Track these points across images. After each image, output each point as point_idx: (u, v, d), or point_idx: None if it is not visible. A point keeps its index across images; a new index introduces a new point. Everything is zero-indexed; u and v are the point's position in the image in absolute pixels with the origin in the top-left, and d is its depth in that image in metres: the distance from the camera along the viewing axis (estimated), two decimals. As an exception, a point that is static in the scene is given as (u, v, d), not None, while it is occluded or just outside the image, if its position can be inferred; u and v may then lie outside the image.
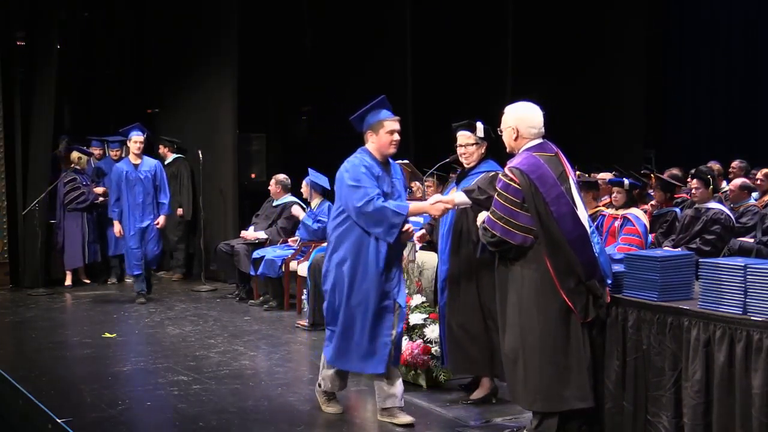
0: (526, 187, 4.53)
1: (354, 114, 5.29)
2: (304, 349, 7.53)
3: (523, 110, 4.76)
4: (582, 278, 4.51)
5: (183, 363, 6.82)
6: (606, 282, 4.60)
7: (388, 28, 11.94)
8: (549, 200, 4.51)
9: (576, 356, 4.56)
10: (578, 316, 4.54)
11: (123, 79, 13.00)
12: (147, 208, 9.44)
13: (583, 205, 4.64)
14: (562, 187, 4.55)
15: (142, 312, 8.99)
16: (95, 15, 13.10)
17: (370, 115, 5.23)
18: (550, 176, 4.55)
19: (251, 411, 5.58)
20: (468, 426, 5.22)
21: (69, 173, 10.68)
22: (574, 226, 4.52)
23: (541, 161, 4.60)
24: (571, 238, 4.49)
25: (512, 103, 4.90)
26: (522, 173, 4.56)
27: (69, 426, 5.18)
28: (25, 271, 10.58)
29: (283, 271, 8.94)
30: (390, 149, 5.20)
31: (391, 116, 5.22)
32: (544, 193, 4.51)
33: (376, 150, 5.21)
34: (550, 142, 4.73)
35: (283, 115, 13.73)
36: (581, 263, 4.49)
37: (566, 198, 4.54)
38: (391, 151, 5.21)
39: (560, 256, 4.51)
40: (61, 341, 7.81)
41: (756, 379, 3.90)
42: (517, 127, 4.72)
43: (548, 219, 4.51)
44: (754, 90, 14.15)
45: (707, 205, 7.15)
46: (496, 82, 12.54)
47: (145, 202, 9.43)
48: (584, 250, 4.50)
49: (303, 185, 9.43)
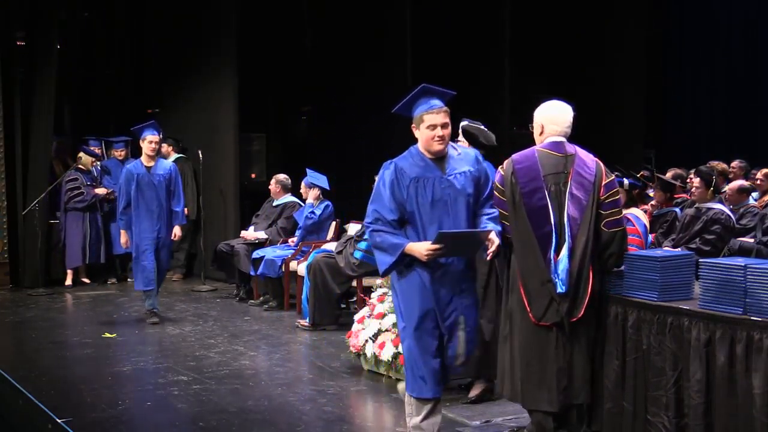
0: (507, 175, 4.64)
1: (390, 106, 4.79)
2: (304, 349, 7.53)
3: (551, 108, 4.79)
4: (545, 279, 4.52)
5: (183, 363, 6.82)
6: (556, 288, 4.50)
7: (388, 28, 11.93)
8: (524, 192, 4.58)
9: (544, 358, 4.57)
10: (531, 315, 4.57)
11: (123, 79, 13.01)
12: (161, 217, 8.37)
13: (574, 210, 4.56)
14: (544, 184, 4.57)
15: (142, 312, 8.98)
16: (95, 15, 13.11)
17: (412, 107, 4.59)
18: (536, 170, 4.59)
19: (251, 411, 5.58)
20: (468, 426, 5.21)
21: (72, 172, 10.69)
22: (543, 223, 4.54)
23: (535, 155, 4.65)
24: (538, 234, 4.55)
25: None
26: (510, 162, 4.68)
27: (69, 426, 5.18)
28: (25, 271, 10.59)
29: (283, 271, 8.94)
30: (434, 146, 4.49)
31: (432, 108, 4.51)
32: (522, 184, 4.58)
33: (422, 146, 4.56)
34: (573, 144, 4.73)
35: (283, 115, 13.73)
36: (545, 262, 4.52)
37: (543, 194, 4.56)
38: (435, 148, 4.50)
39: (527, 251, 4.58)
40: (61, 341, 7.82)
41: (756, 379, 3.90)
42: (542, 123, 4.76)
43: (519, 210, 4.59)
44: (754, 90, 14.15)
45: (708, 205, 7.15)
46: (496, 82, 12.53)
47: (160, 209, 8.37)
48: (547, 251, 4.53)
49: (302, 186, 9.45)
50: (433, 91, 4.57)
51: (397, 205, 4.46)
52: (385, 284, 6.56)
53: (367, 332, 6.30)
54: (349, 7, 12.12)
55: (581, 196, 4.60)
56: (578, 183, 4.62)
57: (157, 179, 8.38)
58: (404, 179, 4.47)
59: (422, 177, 4.48)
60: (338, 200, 9.60)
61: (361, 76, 11.91)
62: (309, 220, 9.11)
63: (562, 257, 4.51)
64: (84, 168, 10.77)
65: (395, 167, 4.52)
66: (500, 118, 12.21)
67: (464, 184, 4.50)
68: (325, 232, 9.33)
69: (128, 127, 12.24)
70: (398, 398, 5.76)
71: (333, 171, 9.95)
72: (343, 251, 8.11)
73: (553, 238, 4.53)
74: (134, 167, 8.51)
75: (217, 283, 10.59)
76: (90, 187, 10.73)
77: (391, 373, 6.14)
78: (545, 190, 4.57)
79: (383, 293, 6.45)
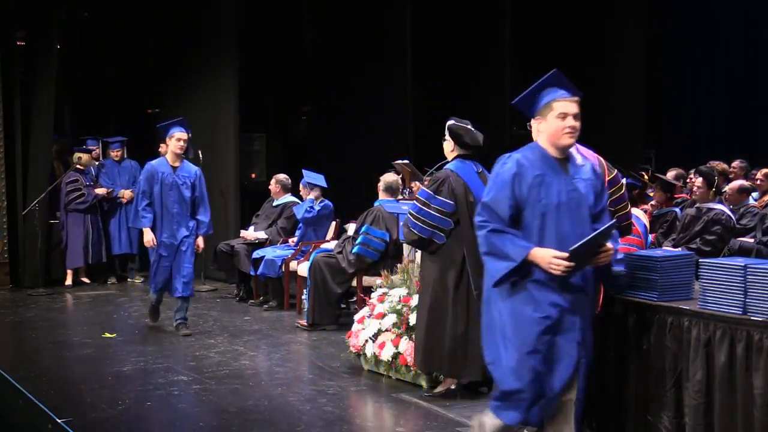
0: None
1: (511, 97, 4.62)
2: (304, 349, 7.53)
3: None
4: None
5: (183, 363, 6.82)
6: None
7: (388, 28, 11.94)
8: None
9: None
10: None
11: (123, 79, 13.03)
12: (182, 222, 7.80)
13: None
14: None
15: (142, 312, 8.98)
16: (95, 15, 13.14)
17: (538, 96, 4.12)
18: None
19: (251, 411, 5.58)
20: (468, 426, 5.21)
21: (72, 173, 10.69)
22: None
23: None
24: None
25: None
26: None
27: (69, 426, 5.18)
28: (25, 271, 10.59)
29: (283, 271, 8.94)
30: (563, 139, 4.00)
31: (564, 95, 4.06)
32: None
33: (547, 140, 4.05)
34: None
35: (283, 115, 13.75)
36: None
37: None
38: (564, 142, 4.01)
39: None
40: (61, 341, 7.81)
41: (757, 379, 3.90)
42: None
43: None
44: (754, 90, 14.15)
45: (709, 206, 7.15)
46: (496, 82, 12.55)
47: (181, 213, 7.79)
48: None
49: (301, 187, 9.46)
50: (564, 81, 4.09)
51: (515, 204, 3.96)
52: (385, 284, 6.56)
53: (367, 332, 6.30)
54: (349, 7, 12.13)
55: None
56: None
57: (182, 181, 7.80)
58: (527, 175, 3.96)
59: (547, 175, 3.98)
60: (338, 200, 9.60)
61: (361, 76, 11.92)
62: (308, 213, 9.12)
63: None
64: (82, 167, 10.75)
65: (516, 161, 3.99)
66: (500, 118, 12.23)
67: (587, 191, 4.05)
68: (325, 232, 9.34)
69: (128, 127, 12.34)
70: (398, 398, 5.76)
71: (333, 171, 9.95)
72: (342, 250, 8.11)
73: None
74: (158, 165, 7.87)
75: (217, 283, 10.59)
76: (90, 187, 10.74)
77: (391, 373, 6.14)
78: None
79: (383, 293, 6.44)
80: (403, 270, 6.42)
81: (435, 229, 5.61)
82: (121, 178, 11.25)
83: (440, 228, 5.61)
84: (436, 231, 5.61)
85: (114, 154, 11.24)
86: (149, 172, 7.81)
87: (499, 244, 3.90)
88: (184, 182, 7.80)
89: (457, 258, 5.58)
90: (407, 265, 6.44)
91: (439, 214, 5.60)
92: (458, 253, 5.58)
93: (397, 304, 6.19)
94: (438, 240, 5.62)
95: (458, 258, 5.58)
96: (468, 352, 5.55)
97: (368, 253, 7.92)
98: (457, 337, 5.56)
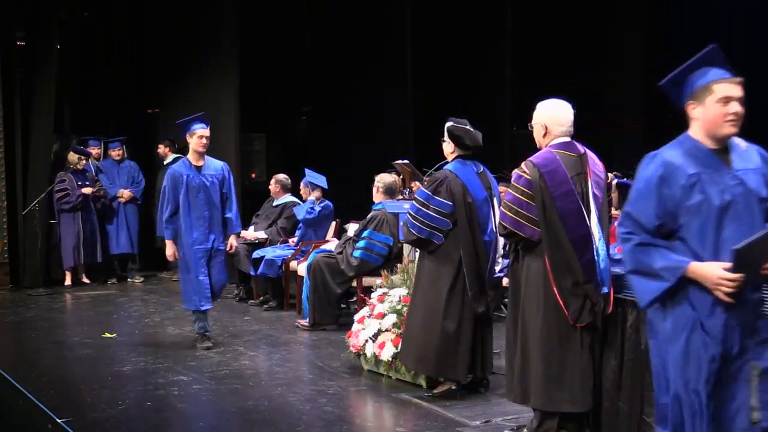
0: (535, 179, 4.55)
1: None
2: (304, 349, 7.53)
3: (553, 107, 4.76)
4: (580, 280, 4.50)
5: (183, 363, 6.82)
6: (601, 289, 4.49)
7: (388, 28, 11.95)
8: (555, 195, 4.51)
9: (570, 359, 4.56)
10: (569, 317, 4.52)
11: (123, 79, 13.02)
12: (214, 224, 7.23)
13: (596, 210, 4.57)
14: (573, 186, 4.54)
15: (142, 312, 8.98)
16: (95, 15, 13.12)
17: (692, 76, 3.50)
18: (562, 173, 4.54)
19: (251, 411, 5.58)
20: (468, 426, 5.21)
21: (63, 174, 10.66)
22: (578, 225, 4.51)
23: (557, 158, 4.60)
24: (572, 238, 4.49)
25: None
26: (534, 166, 4.58)
27: (69, 426, 5.18)
28: (25, 271, 10.59)
29: (283, 271, 8.94)
30: (724, 128, 3.44)
31: (726, 76, 3.48)
32: (552, 188, 4.51)
33: (703, 130, 3.48)
34: (578, 143, 4.74)
35: (283, 115, 13.74)
36: (581, 265, 4.49)
37: (575, 197, 4.52)
38: (726, 131, 3.45)
39: (559, 253, 4.51)
40: (61, 341, 7.81)
41: (756, 379, 3.89)
42: (546, 124, 4.71)
43: (552, 214, 4.51)
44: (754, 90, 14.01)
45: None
46: (496, 82, 12.54)
47: (212, 215, 7.22)
48: (585, 252, 4.49)
49: (301, 186, 9.46)
50: (724, 60, 3.50)
51: (664, 211, 3.38)
52: (385, 284, 6.56)
53: (367, 332, 6.30)
54: (349, 7, 12.13)
55: (599, 195, 4.64)
56: (596, 182, 4.65)
57: (210, 180, 7.23)
58: (679, 176, 3.38)
59: (704, 173, 3.38)
60: (338, 200, 9.60)
61: (361, 76, 11.92)
62: (309, 214, 9.11)
63: (603, 258, 4.49)
64: (77, 169, 10.70)
65: (663, 161, 3.44)
66: (500, 118, 12.23)
67: (758, 183, 3.43)
68: (325, 232, 9.34)
69: (128, 127, 12.33)
70: (398, 398, 5.76)
71: (333, 171, 9.95)
72: (343, 252, 8.11)
73: (592, 239, 4.49)
74: (181, 167, 7.27)
75: (217, 283, 10.57)
76: (79, 187, 10.65)
77: (391, 373, 6.14)
78: (575, 193, 4.54)
79: (383, 293, 6.44)
80: (403, 270, 6.42)
81: (433, 229, 5.61)
82: (121, 178, 11.25)
83: (438, 228, 5.61)
84: (434, 231, 5.62)
85: (114, 153, 11.23)
86: (172, 178, 7.19)
87: (646, 261, 3.35)
88: (212, 182, 7.24)
89: (454, 258, 5.59)
90: (407, 265, 6.44)
91: (437, 214, 5.61)
92: (455, 253, 5.58)
93: (397, 304, 6.19)
94: (436, 240, 5.63)
95: (455, 258, 5.58)
96: (458, 353, 5.58)
97: (371, 258, 7.94)
98: (447, 337, 5.57)
